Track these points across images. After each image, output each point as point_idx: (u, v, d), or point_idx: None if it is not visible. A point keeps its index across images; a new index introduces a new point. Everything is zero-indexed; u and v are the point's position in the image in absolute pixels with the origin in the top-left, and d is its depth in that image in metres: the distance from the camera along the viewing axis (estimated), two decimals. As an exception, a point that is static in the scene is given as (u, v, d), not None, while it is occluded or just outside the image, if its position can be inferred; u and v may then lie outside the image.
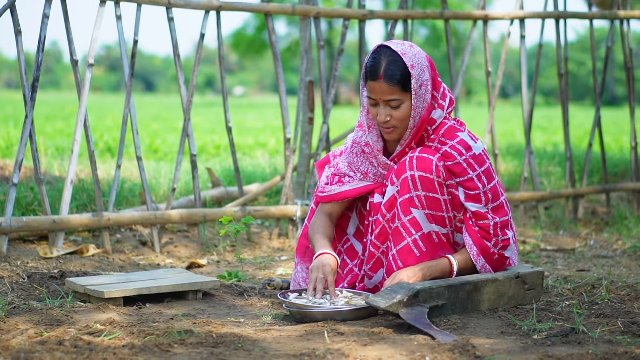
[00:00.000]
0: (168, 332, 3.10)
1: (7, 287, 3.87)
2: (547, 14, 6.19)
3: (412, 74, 3.45)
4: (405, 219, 3.50)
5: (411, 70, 3.45)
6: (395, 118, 3.50)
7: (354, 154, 3.70)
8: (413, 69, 3.45)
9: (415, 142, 3.57)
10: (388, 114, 3.50)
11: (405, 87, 3.46)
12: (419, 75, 3.47)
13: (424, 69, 3.48)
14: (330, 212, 3.71)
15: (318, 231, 3.66)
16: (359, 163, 3.70)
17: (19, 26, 4.59)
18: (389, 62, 3.46)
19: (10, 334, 3.08)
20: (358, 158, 3.70)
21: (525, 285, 3.64)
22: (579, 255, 5.15)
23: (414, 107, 3.48)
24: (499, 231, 3.53)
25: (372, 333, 3.12)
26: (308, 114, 5.47)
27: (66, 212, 4.79)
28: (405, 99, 3.48)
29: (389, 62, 3.46)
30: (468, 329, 3.25)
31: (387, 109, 3.50)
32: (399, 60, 3.45)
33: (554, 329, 3.22)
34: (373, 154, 3.65)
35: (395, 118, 3.50)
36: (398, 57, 3.46)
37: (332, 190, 3.70)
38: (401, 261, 3.50)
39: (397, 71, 3.44)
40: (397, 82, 3.45)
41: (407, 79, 3.45)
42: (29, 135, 4.63)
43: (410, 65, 3.45)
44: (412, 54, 3.47)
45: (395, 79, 3.44)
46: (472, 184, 3.49)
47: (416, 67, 3.46)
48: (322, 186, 3.74)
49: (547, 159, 9.05)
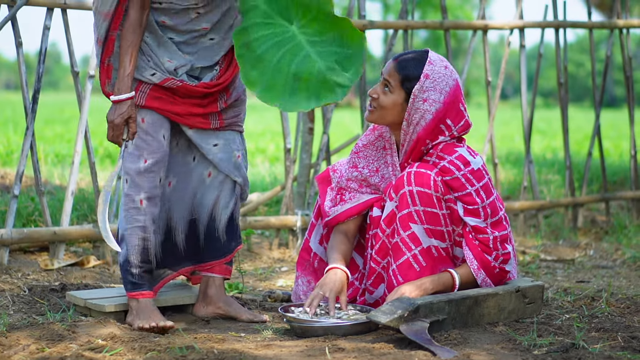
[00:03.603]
0: (170, 348, 3.10)
1: (8, 301, 3.87)
2: (547, 24, 6.20)
3: (420, 80, 3.49)
4: (404, 234, 3.51)
5: (422, 77, 3.49)
6: (379, 100, 3.58)
7: (375, 147, 3.74)
8: (426, 79, 3.49)
9: (413, 158, 3.59)
10: (377, 92, 3.59)
11: (405, 83, 3.53)
12: (427, 88, 3.49)
13: (439, 89, 3.51)
14: (345, 231, 3.72)
15: (333, 248, 3.67)
16: (375, 158, 3.73)
17: (20, 38, 4.60)
18: (413, 57, 3.56)
19: (12, 350, 3.08)
20: (377, 153, 3.73)
21: (525, 299, 3.65)
22: (579, 265, 5.16)
23: (407, 111, 3.53)
24: (499, 245, 3.54)
25: (373, 349, 3.13)
26: (308, 124, 5.48)
27: (67, 223, 4.80)
28: (398, 93, 3.54)
29: (413, 57, 3.56)
30: (468, 344, 3.26)
31: (380, 88, 3.59)
32: (421, 65, 3.52)
33: (554, 345, 3.23)
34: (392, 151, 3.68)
35: (379, 100, 3.58)
36: (424, 62, 3.53)
37: (336, 212, 3.72)
38: (402, 276, 3.51)
39: (411, 67, 3.53)
40: (402, 73, 3.53)
41: (412, 80, 3.50)
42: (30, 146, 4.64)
43: (426, 74, 3.49)
44: (439, 71, 3.53)
45: (404, 70, 3.53)
46: (470, 199, 3.50)
47: (431, 80, 3.50)
48: (327, 211, 3.75)
49: (546, 167, 9.06)
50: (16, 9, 4.52)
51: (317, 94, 3.49)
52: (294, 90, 3.48)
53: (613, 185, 7.76)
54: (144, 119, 3.56)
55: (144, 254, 3.61)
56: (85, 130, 4.79)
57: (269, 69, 3.48)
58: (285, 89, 3.48)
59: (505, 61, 6.16)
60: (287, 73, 3.49)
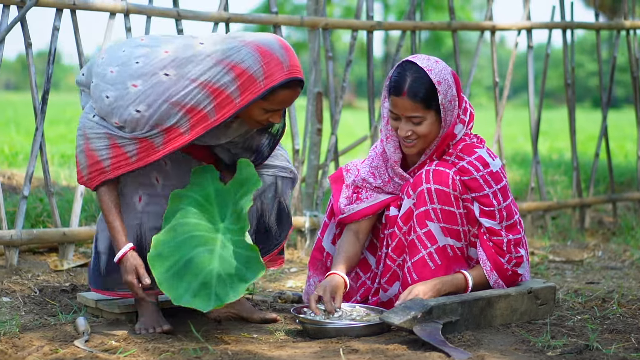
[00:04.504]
0: (183, 350, 3.10)
1: (19, 302, 3.87)
2: (554, 25, 6.20)
3: (439, 90, 3.45)
4: (420, 232, 3.51)
5: (438, 86, 3.45)
6: (417, 133, 3.51)
7: (379, 160, 3.73)
8: (440, 85, 3.46)
9: (437, 155, 3.58)
10: (410, 129, 3.51)
11: (429, 105, 3.47)
12: (446, 91, 3.47)
13: (450, 84, 3.49)
14: (357, 230, 3.72)
15: (339, 251, 3.68)
16: (382, 170, 3.72)
17: (29, 39, 4.60)
18: (414, 79, 3.46)
19: (25, 351, 3.08)
20: (382, 165, 3.72)
21: (537, 301, 3.65)
22: (588, 266, 5.15)
23: (443, 120, 3.50)
24: (513, 248, 3.54)
25: (387, 350, 3.12)
26: (316, 125, 5.48)
27: (76, 224, 4.79)
28: (428, 116, 3.49)
29: (413, 79, 3.46)
30: (482, 345, 3.26)
31: (409, 125, 3.51)
32: (424, 77, 3.46)
33: (567, 346, 3.23)
34: (390, 164, 3.67)
35: (417, 133, 3.51)
36: (423, 74, 3.46)
37: (351, 210, 3.71)
38: (416, 274, 3.51)
39: (422, 88, 3.45)
40: (420, 100, 3.46)
41: (431, 97, 3.46)
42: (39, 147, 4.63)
43: (437, 81, 3.46)
44: (438, 70, 3.48)
45: (419, 96, 3.45)
46: (487, 201, 3.50)
47: (443, 83, 3.47)
48: (342, 208, 3.74)
49: (552, 167, 9.05)
50: (26, 9, 4.52)
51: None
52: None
53: (619, 186, 7.75)
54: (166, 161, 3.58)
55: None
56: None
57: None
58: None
59: (513, 62, 6.15)
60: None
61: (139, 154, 3.36)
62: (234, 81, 3.25)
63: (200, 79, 3.26)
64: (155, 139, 3.33)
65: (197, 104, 3.27)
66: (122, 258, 3.36)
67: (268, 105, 3.31)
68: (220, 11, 5.12)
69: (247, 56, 3.25)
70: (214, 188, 3.51)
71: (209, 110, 3.28)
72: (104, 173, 3.38)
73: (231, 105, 3.27)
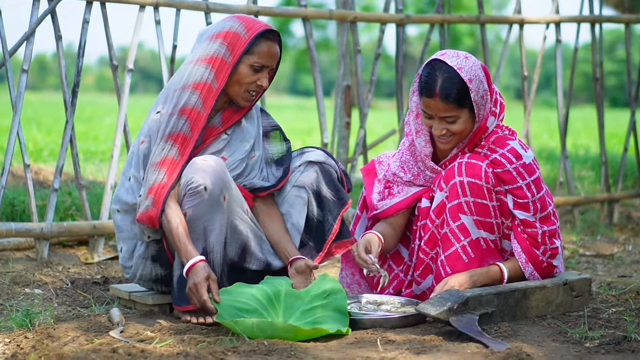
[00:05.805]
0: (220, 340, 3.09)
1: (52, 293, 3.88)
2: (583, 18, 6.16)
3: (471, 88, 3.42)
4: (453, 225, 3.48)
5: (469, 84, 3.42)
6: (452, 130, 3.49)
7: (407, 154, 3.71)
8: (471, 82, 3.42)
9: (469, 148, 3.56)
10: (444, 127, 3.49)
11: (462, 104, 3.44)
12: (478, 87, 3.44)
13: (481, 79, 3.46)
14: (392, 223, 3.70)
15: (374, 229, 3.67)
16: (410, 165, 3.69)
17: (59, 32, 4.61)
18: (445, 79, 3.43)
19: (61, 341, 3.08)
20: (410, 160, 3.70)
21: (573, 293, 3.62)
22: (618, 260, 5.11)
23: (477, 115, 3.48)
24: (547, 240, 3.52)
25: (424, 341, 3.10)
26: (345, 118, 5.47)
27: (106, 217, 4.79)
28: (461, 114, 3.46)
29: (444, 79, 3.42)
30: (519, 336, 3.23)
31: (443, 124, 3.48)
32: (455, 77, 3.42)
33: (605, 337, 3.20)
34: (421, 158, 3.64)
35: (452, 130, 3.49)
36: (454, 73, 3.42)
37: (385, 205, 3.69)
38: (450, 267, 3.49)
39: (453, 89, 3.42)
40: (453, 100, 3.43)
41: (463, 95, 3.43)
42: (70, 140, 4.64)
43: (468, 79, 3.42)
44: (469, 66, 3.45)
45: (452, 97, 3.42)
46: (521, 193, 3.48)
47: (474, 80, 3.43)
48: (375, 204, 3.72)
49: (578, 163, 9.01)
50: (56, 2, 4.52)
51: None
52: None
53: (646, 180, 7.70)
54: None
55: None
56: (125, 123, 4.78)
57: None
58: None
59: (542, 56, 6.12)
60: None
61: (180, 150, 3.47)
62: (222, 44, 3.51)
63: (195, 57, 3.54)
64: (182, 128, 3.47)
65: (200, 78, 3.50)
66: (193, 267, 3.35)
67: (255, 59, 3.52)
68: (249, 4, 5.11)
69: (227, 22, 3.55)
70: (285, 289, 3.45)
71: (212, 80, 3.50)
72: (164, 187, 3.42)
73: (226, 66, 3.51)
